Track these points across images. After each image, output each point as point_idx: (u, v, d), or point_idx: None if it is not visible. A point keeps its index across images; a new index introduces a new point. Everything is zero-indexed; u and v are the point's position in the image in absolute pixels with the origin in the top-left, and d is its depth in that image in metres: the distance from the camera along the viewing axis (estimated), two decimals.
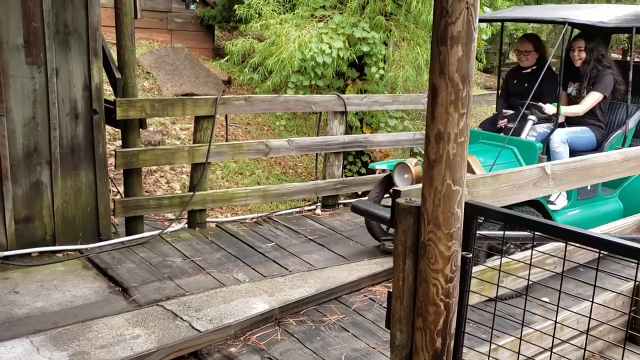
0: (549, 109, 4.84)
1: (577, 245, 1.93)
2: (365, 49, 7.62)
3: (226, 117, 5.88)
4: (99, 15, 4.51)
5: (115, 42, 4.92)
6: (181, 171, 7.39)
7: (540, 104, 4.88)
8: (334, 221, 5.74)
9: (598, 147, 5.08)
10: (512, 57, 24.57)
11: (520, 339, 2.42)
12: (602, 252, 1.93)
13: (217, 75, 10.30)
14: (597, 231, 3.26)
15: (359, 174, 8.35)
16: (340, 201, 6.36)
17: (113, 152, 5.09)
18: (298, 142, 5.83)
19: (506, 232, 2.27)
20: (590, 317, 2.11)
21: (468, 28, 1.90)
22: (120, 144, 5.24)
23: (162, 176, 7.09)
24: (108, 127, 5.05)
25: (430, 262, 2.11)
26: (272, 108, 6.15)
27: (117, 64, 4.88)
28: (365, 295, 4.17)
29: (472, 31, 1.91)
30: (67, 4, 4.33)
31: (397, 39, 7.86)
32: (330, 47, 7.35)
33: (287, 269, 4.50)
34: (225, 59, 8.65)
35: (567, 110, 5.03)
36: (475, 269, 2.42)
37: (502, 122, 5.19)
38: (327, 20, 7.88)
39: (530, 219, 2.07)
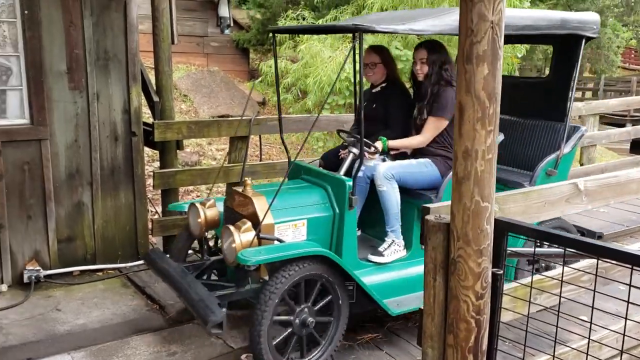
0: (378, 145, 3.88)
1: (608, 260, 1.91)
2: (399, 66, 7.68)
3: (260, 137, 5.98)
4: (138, 41, 4.68)
5: (153, 66, 5.08)
6: (217, 191, 7.52)
7: (381, 142, 3.90)
8: None
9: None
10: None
11: (554, 356, 2.38)
12: (635, 268, 1.90)
13: (251, 96, 10.49)
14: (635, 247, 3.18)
15: None
16: None
17: (151, 173, 5.23)
18: None
19: (542, 249, 2.25)
20: (624, 335, 2.07)
21: (493, 47, 1.92)
22: (158, 165, 5.38)
23: (198, 195, 7.23)
24: (146, 149, 5.19)
25: (461, 279, 2.11)
26: (304, 128, 6.22)
27: (155, 87, 5.04)
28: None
29: (498, 50, 1.93)
30: (108, 31, 4.51)
31: None
32: None
33: None
34: (259, 80, 8.83)
35: (403, 143, 4.00)
36: (507, 285, 2.41)
37: (343, 153, 4.15)
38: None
39: (560, 235, 2.06)
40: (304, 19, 9.81)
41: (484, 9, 1.90)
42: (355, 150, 3.82)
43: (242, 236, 3.33)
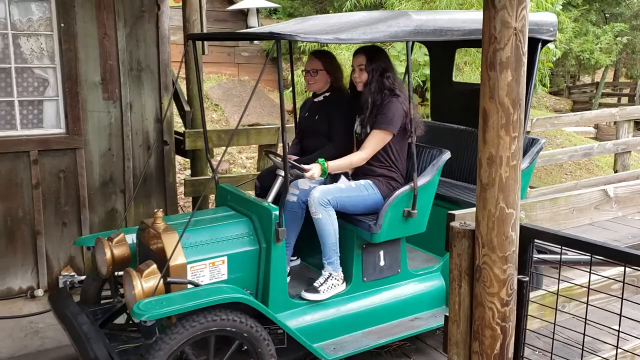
0: (315, 170, 3.31)
1: (637, 268, 1.89)
2: (427, 72, 7.67)
3: (289, 144, 6.03)
4: (170, 52, 4.79)
5: (185, 76, 5.19)
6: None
7: (309, 166, 3.35)
8: None
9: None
10: (583, 80, 23.79)
11: None
12: None
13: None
14: None
15: None
16: None
17: (182, 181, 5.33)
18: None
19: (568, 257, 2.23)
20: None
21: (517, 54, 1.92)
22: (190, 173, 5.48)
23: None
24: (178, 157, 5.30)
25: (486, 286, 2.11)
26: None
27: (186, 97, 5.14)
28: None
29: (521, 56, 1.93)
30: (140, 42, 4.63)
31: (457, 62, 7.89)
32: None
33: None
34: (289, 89, 8.90)
35: (344, 163, 3.49)
36: (534, 293, 2.39)
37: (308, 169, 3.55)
38: (389, 48, 7.99)
39: (587, 241, 2.03)
40: None
41: (507, 16, 1.91)
42: (283, 174, 3.28)
43: (143, 282, 2.87)
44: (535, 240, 2.16)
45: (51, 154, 4.38)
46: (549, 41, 3.79)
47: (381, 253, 3.59)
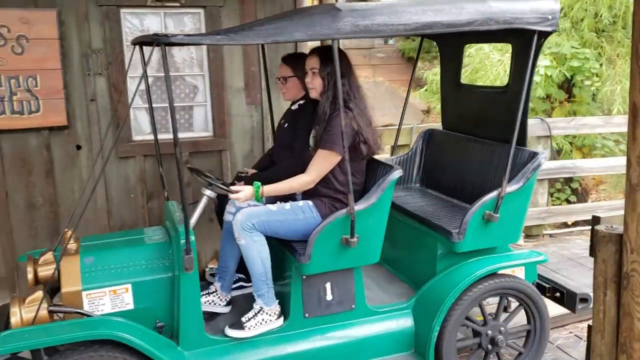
0: (245, 193, 2.88)
1: None
2: (575, 64, 7.23)
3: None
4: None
5: None
6: None
7: (237, 187, 2.95)
8: None
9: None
10: None
11: None
12: None
13: (416, 105, 10.50)
14: None
15: (568, 202, 7.82)
16: (545, 232, 6.02)
17: None
18: None
19: None
20: None
21: None
22: None
23: None
24: None
25: (635, 295, 1.96)
26: None
27: None
28: (570, 332, 3.90)
29: None
30: (280, 49, 4.84)
31: (609, 54, 7.32)
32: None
33: None
34: (424, 88, 8.82)
35: (282, 187, 2.97)
36: None
37: (235, 190, 2.96)
38: None
39: None
40: None
41: None
42: (208, 193, 2.99)
43: (24, 310, 2.58)
44: None
45: (200, 155, 4.72)
46: (548, 32, 3.06)
47: (327, 285, 3.05)
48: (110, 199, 4.47)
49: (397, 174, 3.01)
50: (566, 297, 3.38)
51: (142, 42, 2.92)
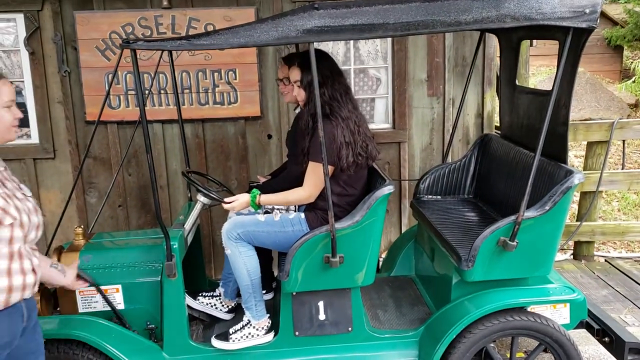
0: (240, 202, 2.77)
1: None
2: None
3: (623, 142, 5.40)
4: (495, 45, 4.75)
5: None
6: None
7: (232, 198, 2.83)
8: None
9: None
10: None
11: None
12: None
13: (622, 98, 9.49)
14: None
15: None
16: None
17: None
18: None
19: None
20: None
21: None
22: None
23: None
24: None
25: None
26: None
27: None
28: None
29: None
30: (467, 38, 4.71)
31: None
32: None
33: None
34: (632, 80, 7.94)
35: (278, 199, 2.81)
36: None
37: (229, 200, 2.92)
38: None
39: None
40: None
41: None
42: (203, 200, 2.95)
43: None
44: None
45: (378, 148, 4.77)
46: (584, 30, 2.55)
47: (320, 304, 2.85)
48: None
49: (386, 190, 2.74)
50: (615, 344, 2.82)
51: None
